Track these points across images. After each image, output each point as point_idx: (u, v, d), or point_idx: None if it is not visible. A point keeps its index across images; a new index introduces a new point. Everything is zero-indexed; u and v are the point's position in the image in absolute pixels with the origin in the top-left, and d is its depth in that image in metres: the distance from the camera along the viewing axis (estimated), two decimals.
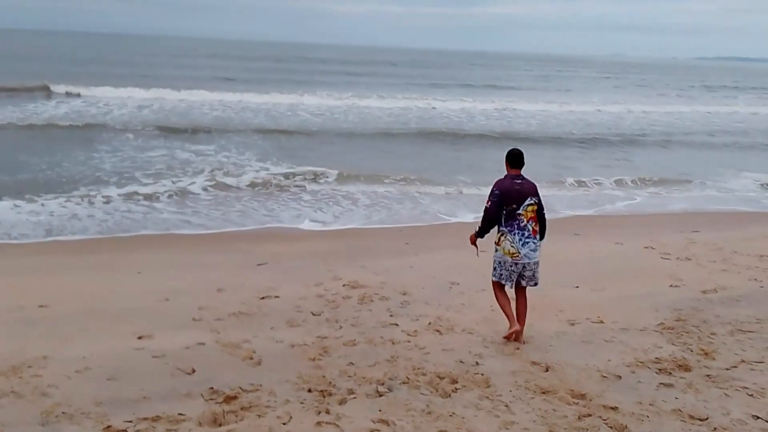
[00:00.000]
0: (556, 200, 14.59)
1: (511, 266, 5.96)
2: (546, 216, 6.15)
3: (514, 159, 5.95)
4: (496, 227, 6.04)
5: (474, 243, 6.24)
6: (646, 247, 10.50)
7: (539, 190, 6.09)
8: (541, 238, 6.06)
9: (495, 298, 6.26)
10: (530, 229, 5.87)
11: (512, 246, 5.88)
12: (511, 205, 5.84)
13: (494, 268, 6.12)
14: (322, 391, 5.23)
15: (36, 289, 7.69)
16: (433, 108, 33.67)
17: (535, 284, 6.14)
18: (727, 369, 5.91)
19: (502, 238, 5.95)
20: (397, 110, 32.23)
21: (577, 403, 5.17)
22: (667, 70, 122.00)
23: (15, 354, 5.74)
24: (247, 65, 64.48)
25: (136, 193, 13.80)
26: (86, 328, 6.49)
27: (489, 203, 5.92)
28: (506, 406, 5.10)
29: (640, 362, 6.00)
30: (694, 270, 9.25)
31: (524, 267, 5.96)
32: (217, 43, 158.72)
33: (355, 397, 5.15)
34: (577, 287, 8.31)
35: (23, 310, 6.94)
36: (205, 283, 8.09)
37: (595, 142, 25.85)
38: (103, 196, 13.28)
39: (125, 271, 8.73)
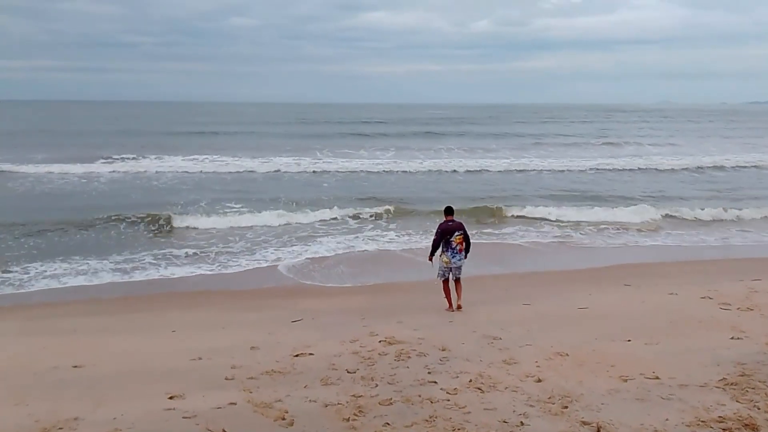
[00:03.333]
0: None
1: (446, 269, 9.80)
2: (470, 237, 10.16)
3: (448, 210, 10.03)
4: (440, 249, 9.96)
5: (431, 260, 9.99)
6: (702, 297, 9.90)
7: (466, 226, 10.14)
8: (467, 252, 9.98)
9: (442, 289, 9.95)
10: (458, 249, 9.79)
11: (447, 258, 9.75)
12: (446, 236, 9.77)
13: (438, 269, 9.88)
14: None
15: (72, 350, 7.72)
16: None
17: (458, 278, 9.84)
18: None
19: (442, 254, 9.84)
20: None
21: None
22: (751, 116, 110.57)
23: (47, 415, 5.68)
24: (302, 130, 61.90)
25: (179, 256, 14.10)
26: (119, 389, 6.41)
27: (435, 236, 9.89)
28: None
29: (702, 421, 5.49)
30: (757, 321, 8.63)
31: (452, 268, 9.79)
32: (269, 106, 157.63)
33: None
34: (629, 341, 7.80)
35: (58, 371, 6.93)
36: (239, 341, 7.96)
37: None
38: (145, 258, 13.66)
39: (160, 330, 8.72)
